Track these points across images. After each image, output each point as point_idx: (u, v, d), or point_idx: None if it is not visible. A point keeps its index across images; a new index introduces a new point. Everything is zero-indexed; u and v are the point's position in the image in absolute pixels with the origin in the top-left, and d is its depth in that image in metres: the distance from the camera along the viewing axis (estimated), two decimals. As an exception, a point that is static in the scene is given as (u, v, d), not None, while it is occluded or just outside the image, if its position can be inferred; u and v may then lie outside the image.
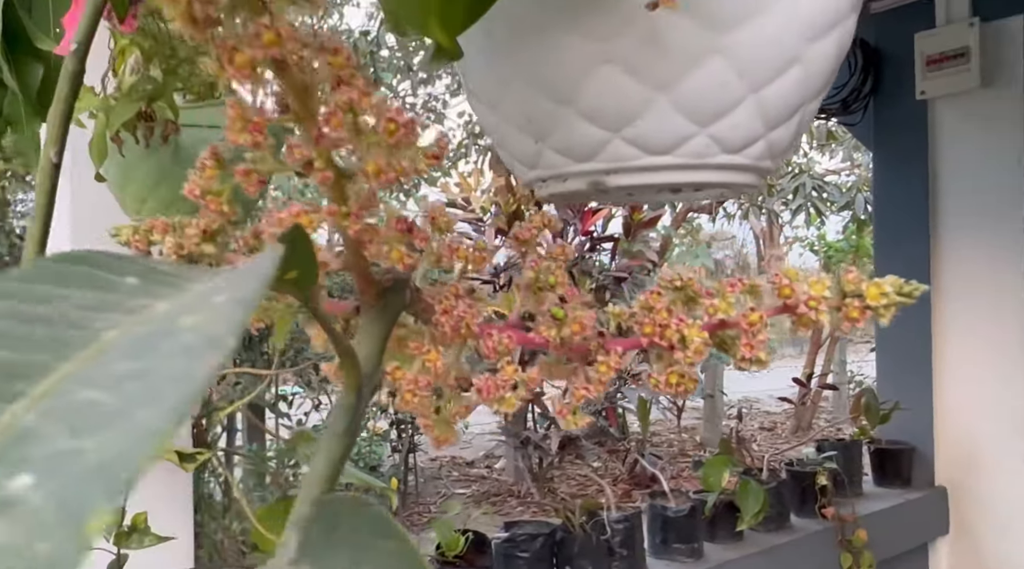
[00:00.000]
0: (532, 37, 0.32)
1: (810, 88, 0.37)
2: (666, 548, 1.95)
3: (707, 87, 0.34)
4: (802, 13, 0.35)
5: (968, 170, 2.39)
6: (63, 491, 0.10)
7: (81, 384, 0.12)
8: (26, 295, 0.13)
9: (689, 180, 0.36)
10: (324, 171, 0.20)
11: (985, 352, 2.34)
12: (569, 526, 1.83)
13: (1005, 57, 2.30)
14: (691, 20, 0.32)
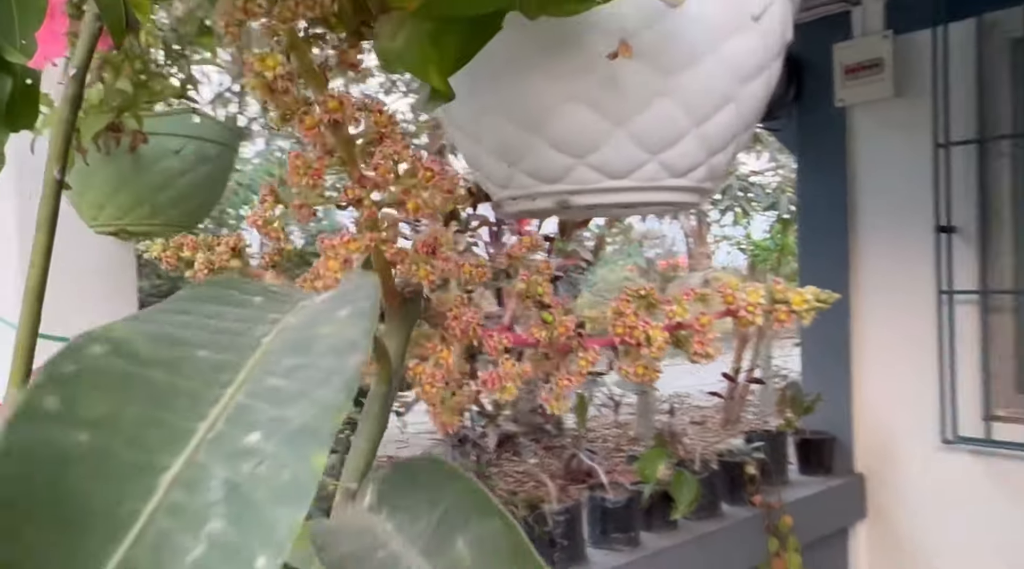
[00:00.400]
0: (509, 78, 0.37)
1: (743, 121, 0.43)
2: (605, 538, 2.02)
3: (657, 122, 0.40)
4: (734, 61, 0.41)
5: (883, 173, 2.53)
6: (287, 441, 0.15)
7: (265, 374, 0.17)
8: (200, 312, 0.18)
9: (642, 200, 0.42)
10: (371, 208, 0.25)
11: (900, 346, 2.48)
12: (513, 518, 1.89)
13: (916, 68, 2.45)
14: (644, 66, 0.38)
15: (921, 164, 2.42)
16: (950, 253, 2.38)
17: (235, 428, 0.15)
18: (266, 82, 0.24)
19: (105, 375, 0.14)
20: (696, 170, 0.42)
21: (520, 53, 0.38)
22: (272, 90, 0.24)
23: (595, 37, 0.37)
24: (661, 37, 0.38)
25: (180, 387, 0.15)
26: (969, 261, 2.38)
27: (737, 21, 0.40)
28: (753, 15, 0.40)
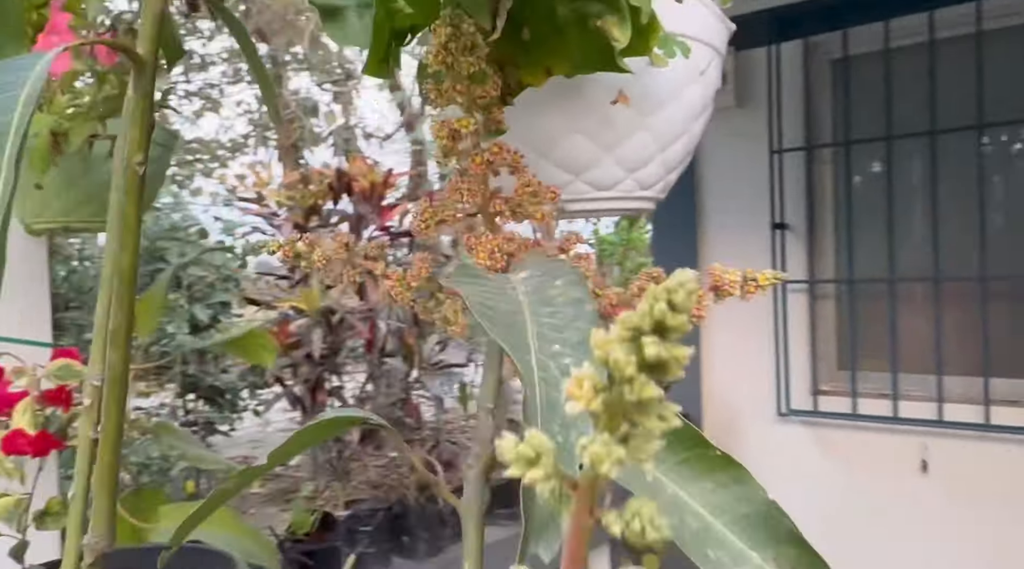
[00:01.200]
0: (530, 114, 0.49)
1: (690, 148, 0.57)
2: (490, 514, 2.16)
3: (635, 149, 0.53)
4: (689, 104, 0.55)
5: (727, 176, 2.82)
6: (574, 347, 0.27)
7: (537, 316, 0.29)
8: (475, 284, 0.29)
9: (619, 207, 0.55)
10: (493, 216, 0.36)
11: (743, 330, 2.78)
12: (405, 501, 1.99)
13: (754, 82, 2.75)
14: (629, 109, 0.51)
15: (759, 168, 2.71)
16: (784, 248, 2.69)
17: (544, 342, 0.27)
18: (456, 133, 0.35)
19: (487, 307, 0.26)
20: (658, 184, 0.56)
21: (539, 97, 0.50)
22: (455, 139, 0.35)
23: (595, 88, 0.50)
24: (641, 88, 0.51)
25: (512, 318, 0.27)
26: (799, 255, 2.71)
27: (691, 75, 0.54)
28: (700, 70, 0.55)
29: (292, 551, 1.63)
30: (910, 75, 2.51)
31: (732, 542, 0.31)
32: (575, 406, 0.17)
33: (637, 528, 0.17)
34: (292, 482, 6.14)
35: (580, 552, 0.19)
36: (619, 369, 0.16)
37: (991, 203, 2.53)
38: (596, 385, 0.17)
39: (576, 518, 0.19)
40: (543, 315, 0.28)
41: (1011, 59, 2.38)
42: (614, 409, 0.17)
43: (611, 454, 0.17)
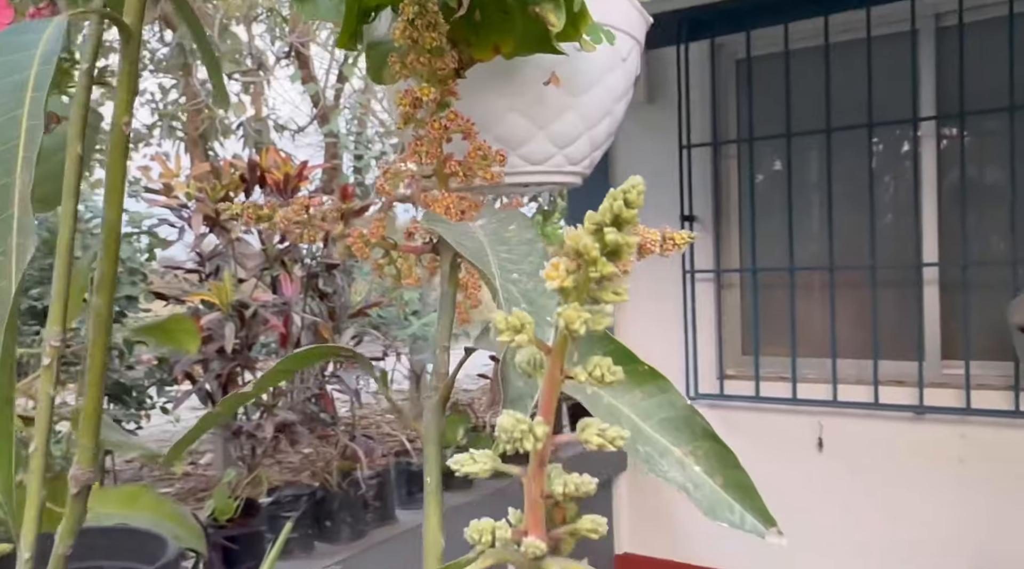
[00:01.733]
0: (472, 93, 0.54)
1: (613, 129, 0.63)
2: (411, 498, 2.21)
3: (565, 127, 0.58)
4: (612, 87, 0.61)
5: (639, 169, 2.91)
6: (529, 275, 0.32)
7: (495, 252, 0.34)
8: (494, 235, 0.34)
9: (550, 181, 0.61)
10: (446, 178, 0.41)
11: (655, 318, 2.89)
12: (327, 486, 2.01)
13: (663, 79, 2.86)
14: (560, 90, 0.57)
15: (669, 162, 2.83)
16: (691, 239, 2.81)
17: (504, 272, 0.32)
18: (418, 101, 0.39)
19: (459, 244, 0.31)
20: (585, 160, 0.62)
21: (480, 78, 0.55)
22: (415, 108, 0.39)
23: (530, 69, 0.55)
24: (571, 71, 0.57)
25: (478, 253, 0.32)
26: (707, 245, 2.84)
27: (613, 62, 0.60)
28: (622, 57, 0.61)
29: (215, 536, 1.63)
30: (808, 76, 2.67)
31: (657, 440, 0.37)
32: (552, 284, 0.22)
33: (598, 374, 0.23)
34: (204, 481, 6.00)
35: (552, 401, 0.24)
36: (587, 252, 0.21)
37: (881, 197, 2.71)
38: (568, 268, 0.22)
39: (550, 374, 0.24)
40: (501, 252, 0.33)
41: (898, 63, 2.56)
42: (581, 286, 0.22)
43: (580, 316, 0.22)
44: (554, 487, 0.27)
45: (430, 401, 0.46)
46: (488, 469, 0.28)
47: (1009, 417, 2.36)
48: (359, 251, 0.48)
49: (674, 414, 0.38)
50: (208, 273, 4.55)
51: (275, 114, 7.09)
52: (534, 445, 0.26)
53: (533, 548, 0.27)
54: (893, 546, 2.55)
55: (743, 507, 0.36)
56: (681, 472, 0.37)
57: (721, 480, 0.37)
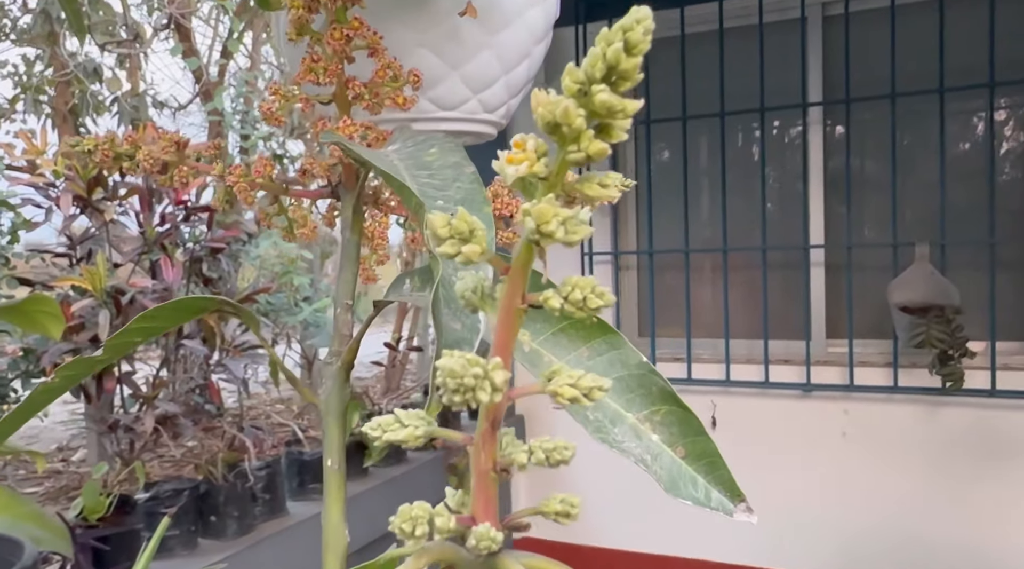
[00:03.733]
0: (378, 26, 0.47)
1: (531, 73, 0.58)
2: (303, 489, 2.10)
3: (481, 69, 0.52)
4: (532, 25, 0.55)
5: (537, 152, 2.90)
6: (460, 202, 0.26)
7: (414, 178, 0.28)
8: (411, 159, 0.28)
9: (464, 129, 0.54)
10: (348, 103, 0.34)
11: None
12: (212, 479, 1.88)
13: (562, 60, 2.83)
14: (475, 24, 0.50)
15: (567, 144, 2.81)
16: (591, 221, 2.80)
17: (427, 199, 0.26)
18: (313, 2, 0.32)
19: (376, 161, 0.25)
20: (501, 108, 0.56)
21: (384, 6, 0.48)
22: (311, 11, 0.32)
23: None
24: (488, 3, 0.51)
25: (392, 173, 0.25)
26: (604, 227, 2.83)
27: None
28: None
29: (84, 537, 1.50)
30: (704, 60, 2.69)
31: (608, 404, 0.32)
32: (518, 170, 0.16)
33: (578, 298, 0.17)
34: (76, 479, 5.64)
35: (510, 339, 0.18)
36: (568, 120, 0.16)
37: (771, 181, 2.77)
38: (538, 148, 0.16)
39: (508, 301, 0.18)
40: (422, 177, 0.27)
41: (788, 50, 2.61)
42: (555, 175, 0.16)
43: (557, 213, 0.16)
44: (515, 456, 0.20)
45: (330, 368, 0.39)
46: (421, 434, 0.22)
47: (888, 392, 2.46)
48: (242, 193, 0.40)
49: (627, 373, 0.33)
50: (79, 257, 4.25)
51: (154, 90, 6.71)
52: (491, 397, 0.20)
53: (487, 540, 0.20)
54: (781, 517, 2.62)
55: (708, 481, 0.31)
56: (637, 442, 0.31)
57: (683, 450, 0.32)
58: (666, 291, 2.86)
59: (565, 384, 0.20)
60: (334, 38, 0.37)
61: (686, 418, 0.33)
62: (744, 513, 0.32)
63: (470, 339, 0.28)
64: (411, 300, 0.35)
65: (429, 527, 0.22)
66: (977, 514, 2.39)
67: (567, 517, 0.24)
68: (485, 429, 0.21)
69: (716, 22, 2.60)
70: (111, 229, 3.08)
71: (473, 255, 0.18)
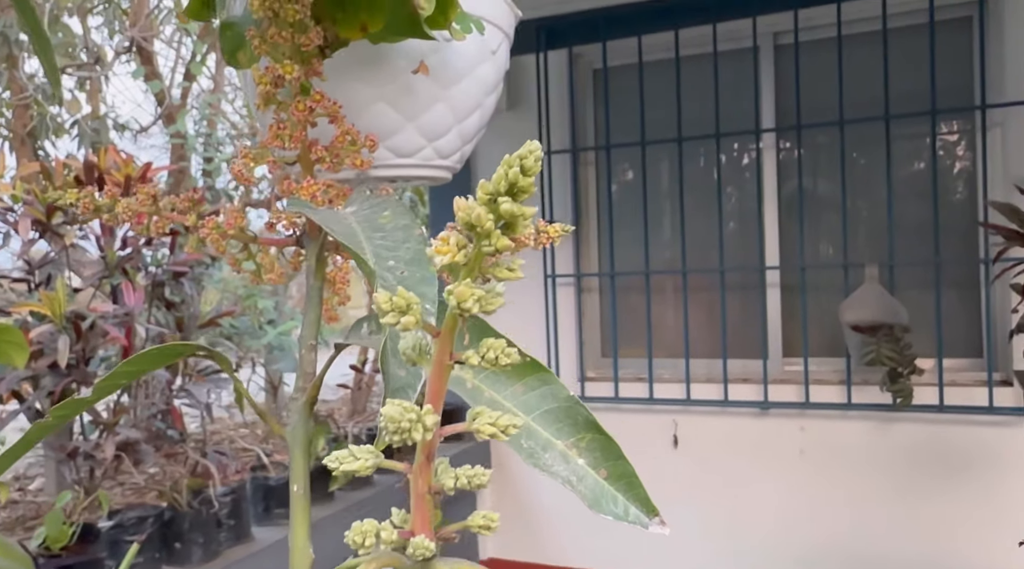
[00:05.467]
0: (336, 81, 0.51)
1: (483, 122, 0.62)
2: (268, 515, 2.11)
3: (435, 119, 0.56)
4: (483, 80, 0.59)
5: (499, 176, 2.95)
6: (409, 263, 0.30)
7: (369, 239, 0.32)
8: (367, 221, 0.32)
9: (419, 174, 0.58)
10: (311, 164, 0.38)
11: (519, 322, 2.90)
12: (176, 506, 1.89)
13: (523, 86, 2.89)
14: (429, 80, 0.55)
15: (529, 169, 2.86)
16: (552, 244, 2.85)
17: (380, 260, 0.30)
18: (280, 79, 0.36)
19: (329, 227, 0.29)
20: (455, 154, 0.60)
21: (344, 65, 0.52)
22: (277, 86, 0.36)
23: (398, 58, 0.53)
24: (441, 61, 0.55)
25: (350, 240, 0.29)
26: (567, 250, 2.89)
27: (483, 54, 0.58)
28: (492, 50, 0.59)
29: (47, 567, 1.50)
30: (661, 87, 2.77)
31: (539, 433, 0.36)
32: (442, 259, 0.20)
33: (492, 357, 0.21)
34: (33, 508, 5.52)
35: (441, 389, 0.23)
36: (480, 223, 0.20)
37: (728, 204, 2.85)
38: (458, 242, 0.20)
39: (439, 358, 0.22)
40: (376, 238, 0.31)
41: (741, 78, 2.70)
42: (472, 262, 0.20)
43: (473, 293, 0.20)
44: (444, 481, 0.25)
45: (296, 403, 0.43)
46: (371, 465, 0.26)
47: (842, 409, 2.54)
48: (215, 243, 0.44)
49: (556, 406, 0.37)
50: (38, 282, 4.19)
51: (115, 112, 6.65)
52: (423, 436, 0.24)
53: (422, 549, 0.25)
54: (739, 531, 2.68)
55: (626, 498, 0.36)
56: (565, 465, 0.36)
57: (605, 472, 0.36)
58: (628, 312, 2.92)
59: (485, 423, 0.24)
60: (298, 109, 0.41)
61: (608, 444, 0.37)
62: (658, 526, 0.36)
63: (414, 384, 0.32)
64: (367, 343, 0.39)
65: (376, 539, 0.26)
66: (929, 527, 2.47)
67: (488, 530, 0.28)
68: (421, 461, 0.25)
69: (673, 50, 2.68)
70: (71, 253, 3.06)
71: (410, 324, 0.22)
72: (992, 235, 2.34)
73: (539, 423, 0.36)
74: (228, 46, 0.49)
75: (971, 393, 2.41)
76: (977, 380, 2.47)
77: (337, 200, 0.42)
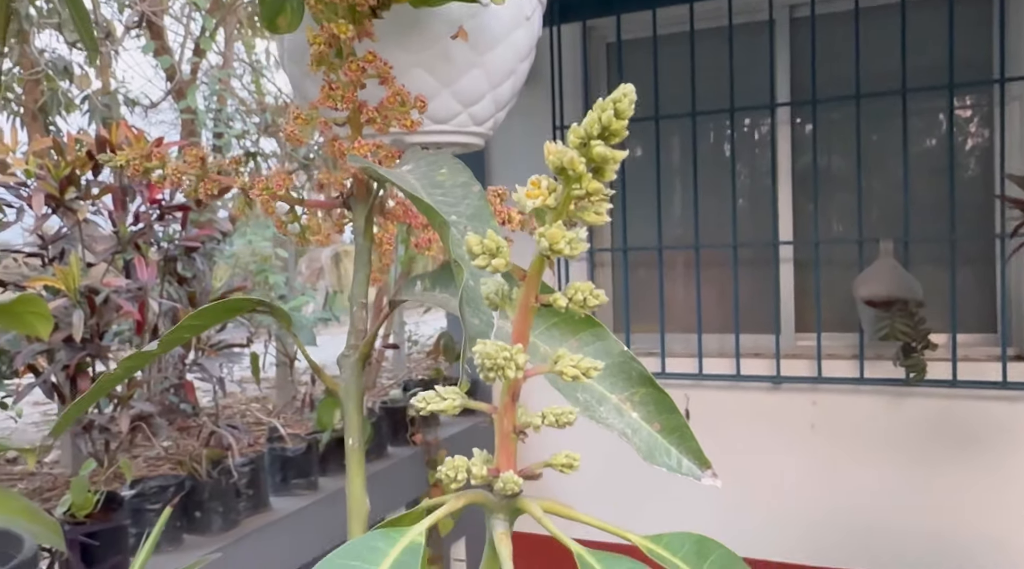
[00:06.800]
0: (378, 48, 0.52)
1: (517, 87, 0.62)
2: (286, 485, 2.13)
3: (470, 85, 0.57)
4: (517, 46, 0.60)
5: (513, 151, 2.95)
6: (470, 218, 0.31)
7: (429, 194, 0.32)
8: (426, 178, 0.32)
9: (454, 140, 0.59)
10: (361, 125, 0.39)
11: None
12: (196, 475, 1.91)
13: (536, 61, 2.88)
14: (465, 46, 0.55)
15: (543, 143, 2.85)
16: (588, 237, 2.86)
17: (440, 213, 0.30)
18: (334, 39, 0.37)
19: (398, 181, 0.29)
20: (489, 121, 0.61)
21: (383, 31, 0.52)
22: (331, 46, 0.37)
23: (436, 23, 0.54)
24: (478, 26, 0.55)
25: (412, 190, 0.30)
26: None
27: (518, 20, 0.59)
28: (527, 15, 0.60)
29: (73, 533, 1.52)
30: (675, 61, 2.75)
31: (594, 387, 0.37)
32: (534, 202, 0.21)
33: (579, 298, 0.22)
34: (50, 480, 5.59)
35: (526, 331, 0.23)
36: (572, 166, 0.20)
37: (741, 179, 2.84)
38: (549, 186, 0.21)
39: (524, 301, 0.23)
40: (436, 195, 0.31)
41: (757, 51, 2.68)
42: (562, 206, 0.21)
43: (564, 235, 0.21)
44: (531, 419, 0.25)
45: (348, 359, 0.44)
46: (457, 405, 0.27)
47: (854, 384, 2.54)
48: (264, 204, 0.44)
49: (610, 361, 0.38)
50: (52, 257, 4.22)
51: (125, 88, 6.65)
52: (515, 374, 0.25)
53: (510, 483, 0.25)
54: (752, 506, 2.70)
55: (679, 451, 0.36)
56: (619, 418, 0.36)
57: (658, 425, 0.37)
58: (640, 287, 2.92)
59: (569, 365, 0.25)
60: (351, 70, 0.41)
61: (661, 398, 0.38)
62: (710, 478, 0.37)
63: (486, 332, 0.33)
64: (423, 299, 0.40)
65: (467, 474, 0.27)
66: (940, 501, 2.49)
67: (570, 468, 0.29)
68: (507, 400, 0.26)
69: (687, 24, 2.66)
70: (84, 229, 3.08)
71: (500, 267, 0.22)
72: (1009, 208, 2.33)
73: (594, 377, 0.37)
74: (268, 11, 0.50)
75: (984, 368, 2.41)
76: (991, 355, 2.47)
77: (386, 161, 0.42)
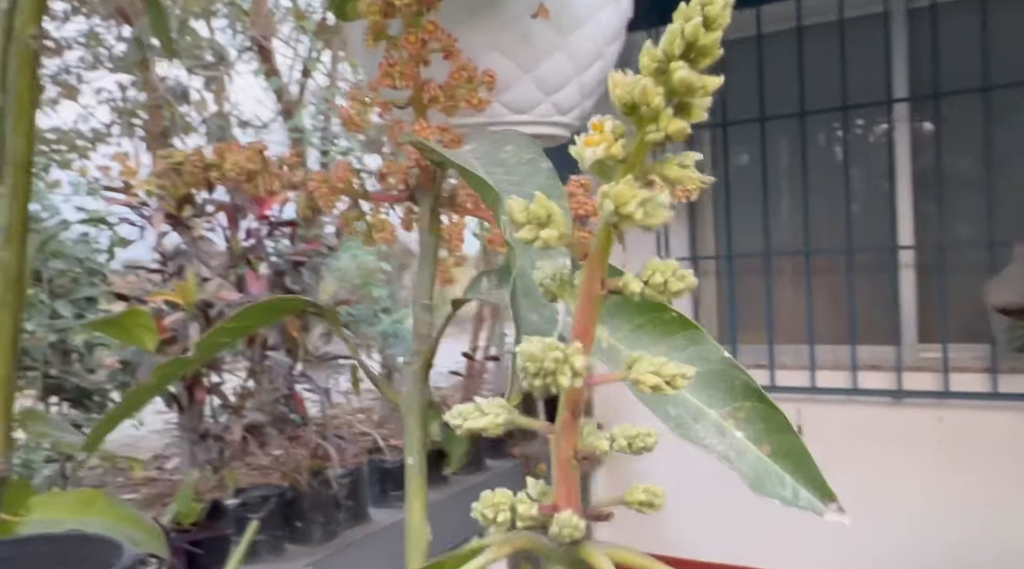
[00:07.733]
0: (450, 29, 0.48)
1: (604, 73, 0.57)
2: (385, 497, 2.14)
3: (553, 70, 0.52)
4: (605, 26, 0.55)
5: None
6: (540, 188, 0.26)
7: (490, 173, 0.27)
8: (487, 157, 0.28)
9: (537, 132, 0.54)
10: (424, 106, 0.35)
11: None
12: (297, 486, 1.93)
13: (632, 63, 2.81)
14: (547, 25, 0.51)
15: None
16: (666, 226, 2.77)
17: (505, 193, 0.26)
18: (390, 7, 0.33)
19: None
20: (575, 110, 0.56)
21: (454, 10, 0.48)
22: (387, 16, 0.33)
23: (513, 1, 0.49)
24: (560, 4, 0.51)
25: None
26: (681, 233, 2.79)
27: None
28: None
29: (178, 540, 1.55)
30: (781, 59, 2.63)
31: (689, 400, 0.31)
32: (595, 152, 0.16)
33: (659, 281, 0.17)
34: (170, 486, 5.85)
35: (590, 325, 0.18)
36: (647, 100, 0.15)
37: (855, 181, 2.69)
38: (616, 129, 0.16)
39: (587, 287, 0.18)
40: (497, 173, 0.27)
41: (870, 46, 2.53)
42: (633, 156, 0.16)
43: (636, 195, 0.16)
44: (596, 442, 0.20)
45: (410, 367, 0.40)
46: (501, 422, 0.22)
47: (986, 399, 2.35)
48: (323, 199, 0.41)
49: (708, 368, 0.32)
50: (171, 273, 4.42)
51: (238, 110, 6.93)
52: (571, 381, 0.20)
53: (569, 528, 0.20)
54: (875, 529, 2.52)
55: (796, 479, 0.30)
56: (720, 438, 0.31)
57: (768, 447, 0.31)
58: (746, 296, 2.80)
59: (647, 371, 0.19)
60: (410, 42, 0.38)
61: (771, 414, 0.32)
62: (835, 513, 0.30)
63: (548, 330, 0.28)
64: (489, 298, 0.35)
65: (511, 514, 0.21)
66: (1088, 528, 2.26)
67: (651, 506, 0.23)
68: (566, 416, 0.21)
69: (794, 20, 2.54)
70: (200, 245, 3.20)
71: (551, 239, 0.17)
72: None
73: (689, 388, 0.31)
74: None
75: None
76: None
77: (452, 145, 0.38)
